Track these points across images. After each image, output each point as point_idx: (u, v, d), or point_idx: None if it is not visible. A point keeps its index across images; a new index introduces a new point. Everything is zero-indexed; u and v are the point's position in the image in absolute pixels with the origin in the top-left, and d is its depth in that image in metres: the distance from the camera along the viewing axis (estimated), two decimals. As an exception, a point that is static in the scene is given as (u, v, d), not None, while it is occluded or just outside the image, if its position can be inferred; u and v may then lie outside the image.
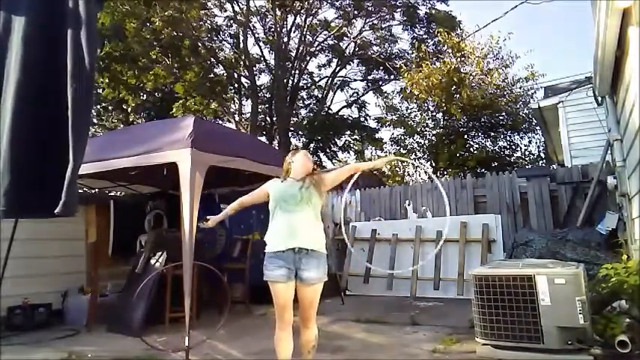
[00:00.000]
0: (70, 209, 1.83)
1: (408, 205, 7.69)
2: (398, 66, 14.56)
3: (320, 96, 18.37)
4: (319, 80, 18.32)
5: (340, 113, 18.30)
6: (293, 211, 2.66)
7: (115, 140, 5.23)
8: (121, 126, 16.34)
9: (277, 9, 15.62)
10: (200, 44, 15.09)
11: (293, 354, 2.83)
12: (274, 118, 16.75)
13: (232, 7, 15.59)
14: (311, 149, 18.12)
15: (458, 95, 11.86)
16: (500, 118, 12.80)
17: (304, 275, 2.61)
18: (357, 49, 17.22)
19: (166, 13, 12.89)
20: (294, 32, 16.44)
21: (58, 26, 1.95)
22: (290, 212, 2.66)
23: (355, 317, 5.11)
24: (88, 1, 1.96)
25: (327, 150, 18.65)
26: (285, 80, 16.15)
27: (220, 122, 16.69)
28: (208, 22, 15.75)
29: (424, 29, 15.98)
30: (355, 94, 18.36)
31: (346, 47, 17.35)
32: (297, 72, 16.69)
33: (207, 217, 3.12)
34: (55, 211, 1.82)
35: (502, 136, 13.40)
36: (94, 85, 2.15)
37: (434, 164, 13.83)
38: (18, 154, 1.84)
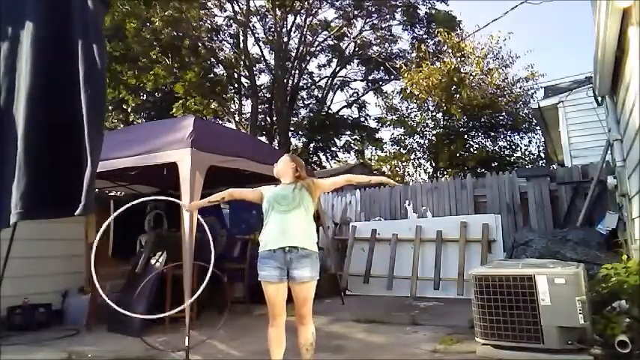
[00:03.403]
0: (89, 210, 1.88)
1: (408, 205, 7.69)
2: (398, 66, 14.57)
3: (320, 96, 18.39)
4: (319, 80, 18.36)
5: (340, 113, 18.32)
6: (285, 212, 2.73)
7: (115, 140, 5.22)
8: (121, 126, 16.35)
9: (277, 9, 15.63)
10: (200, 44, 15.10)
11: (292, 353, 2.84)
12: (274, 118, 16.75)
13: (232, 7, 15.62)
14: (311, 149, 18.14)
15: (458, 95, 11.86)
16: (500, 118, 12.81)
17: (296, 274, 2.66)
18: (357, 49, 17.22)
19: (166, 13, 12.90)
20: (294, 32, 16.47)
21: (65, 28, 1.97)
22: (282, 213, 2.74)
23: (355, 317, 5.11)
24: (95, 3, 1.98)
25: (327, 150, 18.65)
26: (285, 80, 16.14)
27: (220, 122, 16.71)
28: (208, 22, 15.77)
29: (424, 29, 16.00)
30: (355, 94, 18.39)
31: (346, 47, 17.36)
32: (297, 72, 16.69)
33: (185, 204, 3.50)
34: (76, 213, 1.86)
35: (502, 136, 13.41)
36: (106, 88, 2.17)
37: (434, 164, 13.84)
38: (32, 157, 1.86)
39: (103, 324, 4.95)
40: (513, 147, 13.50)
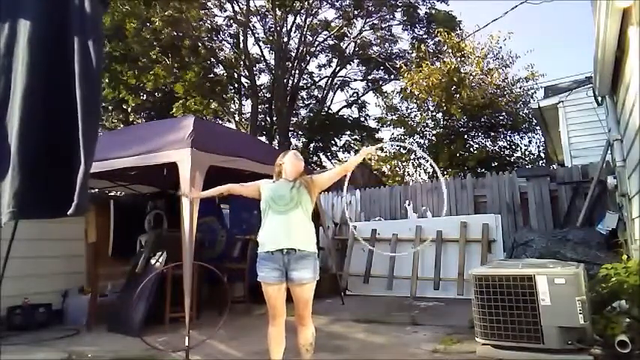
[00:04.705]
0: (82, 210, 1.87)
1: (408, 205, 7.69)
2: (398, 66, 14.56)
3: (320, 96, 18.38)
4: (319, 80, 18.33)
5: (340, 113, 18.31)
6: (283, 212, 2.70)
7: (115, 140, 5.23)
8: (121, 126, 16.34)
9: (277, 9, 15.62)
10: (200, 44, 15.09)
11: (292, 353, 2.83)
12: (274, 118, 16.75)
13: (232, 7, 15.60)
14: (311, 149, 18.13)
15: (458, 95, 11.85)
16: (500, 118, 12.79)
17: (294, 276, 2.64)
18: (357, 49, 17.22)
19: (166, 13, 12.89)
20: (294, 32, 16.45)
21: (63, 28, 1.96)
22: (280, 213, 2.70)
23: (355, 317, 5.11)
24: (94, 3, 1.98)
25: (327, 150, 18.65)
26: (285, 80, 16.14)
27: (220, 122, 16.70)
28: (208, 22, 15.76)
29: (424, 29, 15.98)
30: (355, 94, 18.38)
31: (346, 47, 17.35)
32: (297, 72, 16.69)
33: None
34: (68, 212, 1.85)
35: (502, 136, 13.38)
36: (101, 87, 2.17)
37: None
38: (27, 156, 1.86)
39: (103, 324, 4.95)
40: (513, 147, 13.48)
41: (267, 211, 2.77)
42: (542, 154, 13.32)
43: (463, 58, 12.34)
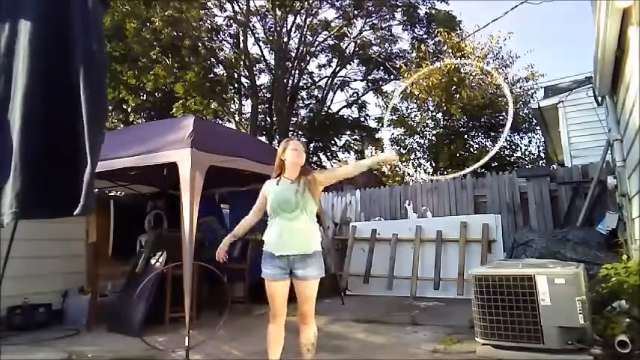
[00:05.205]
0: (88, 210, 1.88)
1: (408, 205, 7.69)
2: (398, 66, 14.56)
3: (320, 96, 18.38)
4: (319, 80, 18.33)
5: (340, 113, 18.31)
6: (289, 219, 2.68)
7: (115, 140, 5.22)
8: (121, 126, 16.34)
9: (277, 9, 15.62)
10: (200, 44, 15.09)
11: (293, 353, 2.83)
12: (274, 118, 16.75)
13: (232, 7, 15.60)
14: (311, 149, 18.14)
15: (458, 95, 11.86)
16: (500, 118, 12.80)
17: (299, 273, 2.65)
18: (357, 49, 17.22)
19: (166, 13, 12.90)
20: (294, 32, 16.45)
21: (64, 28, 1.96)
22: (286, 219, 2.68)
23: (355, 317, 5.11)
24: (95, 3, 1.98)
25: (327, 150, 18.65)
26: (285, 80, 16.14)
27: (220, 122, 16.70)
28: (208, 22, 15.75)
29: (424, 29, 15.99)
30: (355, 94, 18.38)
31: (346, 47, 17.35)
32: (297, 72, 16.69)
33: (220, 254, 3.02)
34: (75, 213, 1.86)
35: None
36: (105, 88, 2.17)
37: (434, 164, 13.84)
38: (28, 156, 1.86)
39: (103, 324, 4.95)
40: (513, 147, 13.50)
41: (273, 215, 2.75)
42: (542, 154, 13.34)
43: (463, 59, 12.35)
